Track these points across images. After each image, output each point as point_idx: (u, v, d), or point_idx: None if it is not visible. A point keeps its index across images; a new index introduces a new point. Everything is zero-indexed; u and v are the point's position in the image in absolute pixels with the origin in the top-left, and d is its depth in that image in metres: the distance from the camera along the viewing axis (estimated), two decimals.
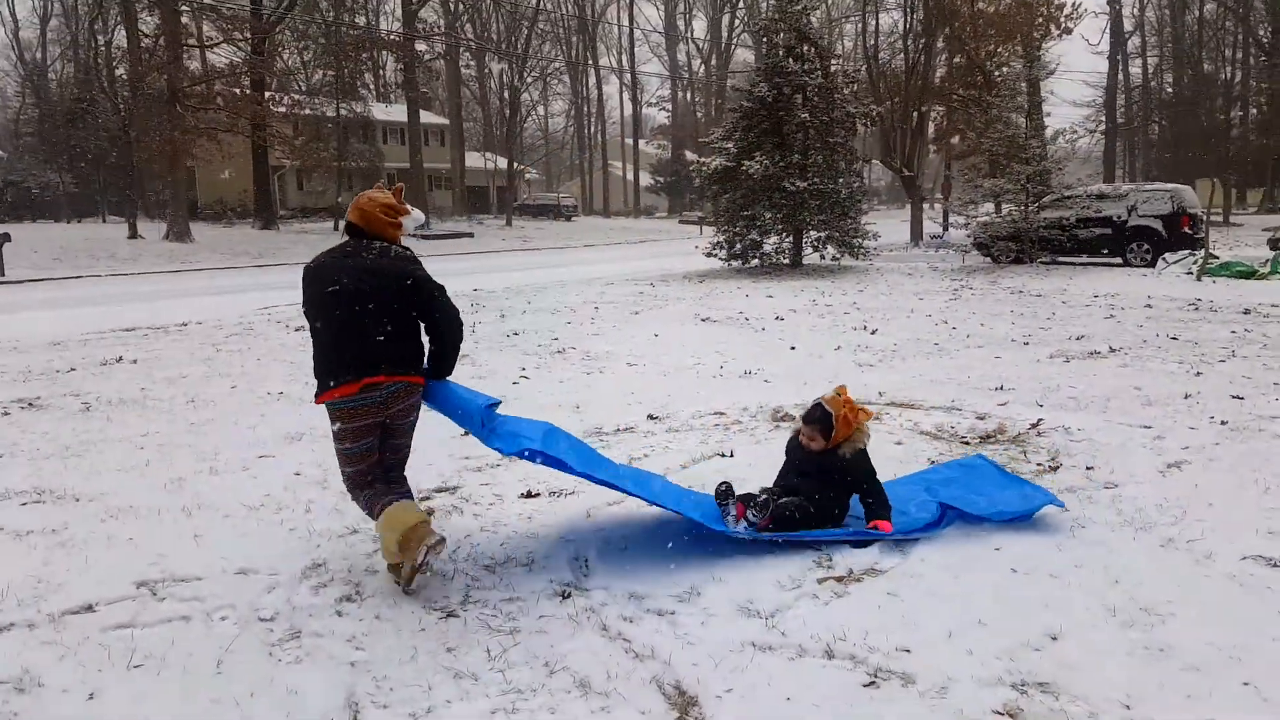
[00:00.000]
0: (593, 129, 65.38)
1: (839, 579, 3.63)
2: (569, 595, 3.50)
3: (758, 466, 5.09)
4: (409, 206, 4.03)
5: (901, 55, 30.63)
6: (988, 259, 20.84)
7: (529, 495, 4.74)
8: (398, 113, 45.92)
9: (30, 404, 7.31)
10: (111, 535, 4.13)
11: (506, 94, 51.30)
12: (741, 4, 57.34)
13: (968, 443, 5.82)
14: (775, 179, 19.29)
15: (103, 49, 37.50)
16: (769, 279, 18.66)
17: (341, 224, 37.38)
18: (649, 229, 49.40)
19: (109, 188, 42.17)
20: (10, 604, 3.41)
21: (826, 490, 4.15)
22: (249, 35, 29.86)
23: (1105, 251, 19.19)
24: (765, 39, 20.68)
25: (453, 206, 49.93)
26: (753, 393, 7.51)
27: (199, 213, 34.97)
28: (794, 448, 4.39)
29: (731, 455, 5.43)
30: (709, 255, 21.15)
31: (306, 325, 3.75)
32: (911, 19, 30.20)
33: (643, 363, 9.13)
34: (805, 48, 20.25)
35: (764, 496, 4.07)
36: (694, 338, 10.80)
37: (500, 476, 5.13)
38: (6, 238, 22.51)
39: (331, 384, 3.54)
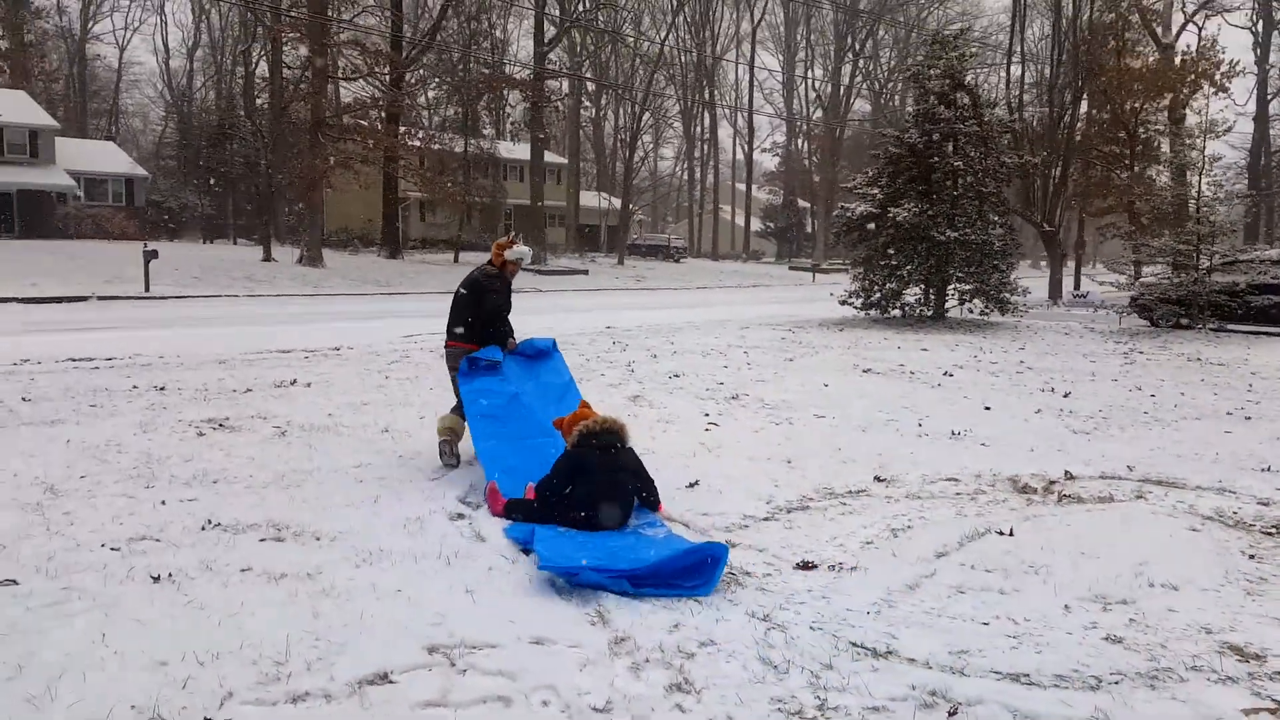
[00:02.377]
0: (704, 172, 65.44)
1: None
2: (934, 704, 2.93)
3: (1052, 549, 4.47)
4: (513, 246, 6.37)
5: (1045, 108, 29.54)
6: (1146, 322, 19.61)
7: (806, 566, 4.19)
8: (519, 150, 46.67)
9: (221, 424, 7.14)
10: (375, 584, 3.75)
11: (625, 135, 51.69)
12: (863, 56, 56.90)
13: (1271, 533, 5.07)
14: (923, 228, 18.56)
15: (244, 79, 39.17)
16: (912, 331, 17.88)
17: (460, 255, 38.32)
18: (759, 273, 48.85)
19: (240, 211, 43.82)
20: (298, 665, 3.03)
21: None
22: (388, 69, 30.72)
23: None
24: (917, 85, 20.06)
25: (566, 244, 50.33)
26: (974, 458, 6.86)
27: (326, 239, 35.86)
28: None
29: (1011, 534, 4.79)
30: (843, 303, 20.46)
31: None
32: (1057, 71, 29.15)
33: (830, 415, 8.56)
34: (959, 95, 19.57)
35: None
36: (870, 390, 10.19)
37: (751, 535, 4.61)
38: (154, 254, 23.30)
39: None
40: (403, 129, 31.66)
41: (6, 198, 35.23)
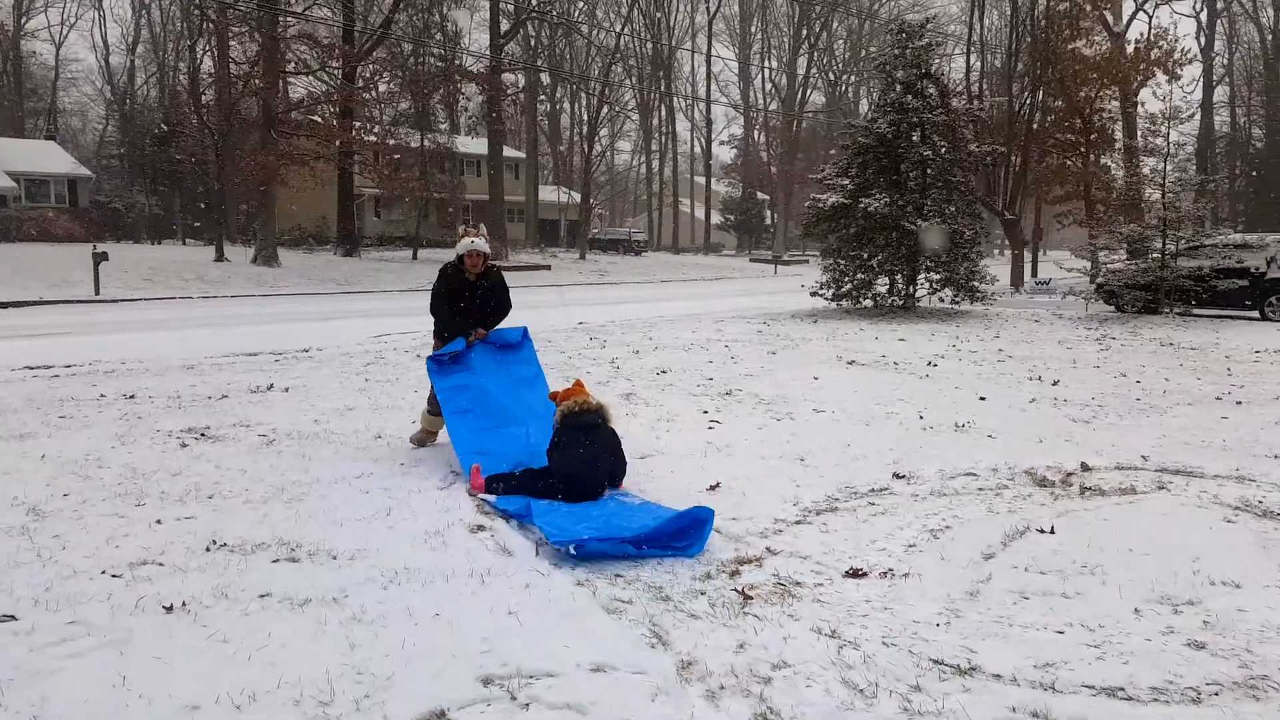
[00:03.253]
0: (662, 165, 65.26)
1: None
2: None
3: (1099, 547, 4.34)
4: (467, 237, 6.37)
5: (1002, 97, 29.80)
6: (1112, 308, 19.83)
7: (856, 574, 4.00)
8: (476, 145, 46.04)
9: (203, 434, 6.78)
10: (410, 608, 3.48)
11: (583, 129, 51.29)
12: (817, 48, 57.01)
13: None
14: (893, 217, 18.55)
15: (189, 74, 38.03)
16: (886, 321, 17.86)
17: (418, 252, 37.66)
18: (721, 266, 48.83)
19: (188, 210, 42.65)
20: (345, 705, 2.76)
21: None
22: (340, 63, 29.99)
23: (1248, 304, 18.09)
24: (884, 74, 20.02)
25: (525, 239, 49.84)
26: (984, 451, 6.75)
27: (280, 238, 34.97)
28: None
29: (1053, 531, 4.65)
30: (814, 294, 20.41)
31: None
32: (1014, 61, 29.42)
33: (829, 409, 8.41)
34: (925, 84, 19.59)
35: None
36: (861, 383, 10.08)
37: (789, 541, 4.42)
38: (104, 256, 22.49)
39: None
40: (357, 124, 30.94)
41: None
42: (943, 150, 19.05)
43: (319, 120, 29.29)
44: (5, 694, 2.80)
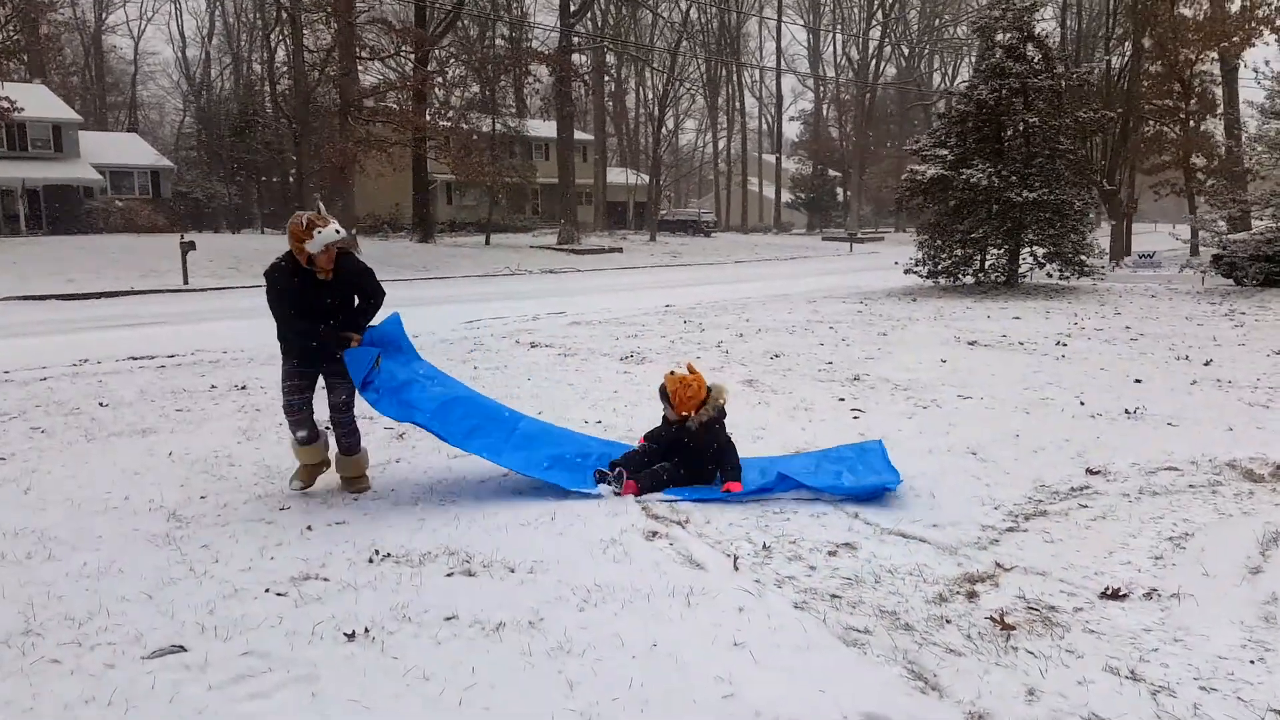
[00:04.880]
0: (730, 143, 64.21)
1: None
2: None
3: None
4: (322, 227, 4.56)
5: (1099, 62, 28.38)
6: (1230, 280, 18.65)
7: (1115, 595, 3.44)
8: (544, 129, 45.76)
9: (326, 428, 6.44)
10: (620, 636, 3.03)
11: (650, 109, 50.64)
12: (891, 18, 55.25)
13: None
14: (996, 189, 17.65)
15: (265, 64, 38.38)
16: (990, 298, 17.02)
17: (490, 238, 37.54)
18: (793, 245, 47.82)
19: (267, 199, 43.18)
20: None
21: (684, 456, 4.89)
22: (414, 47, 29.83)
23: None
24: (984, 38, 19.05)
25: (594, 222, 49.47)
26: (1170, 440, 6.09)
27: (357, 225, 35.18)
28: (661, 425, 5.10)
29: None
30: (908, 272, 19.62)
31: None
32: (1111, 23, 27.95)
33: (975, 395, 7.80)
34: (1027, 47, 18.58)
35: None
36: (995, 365, 9.41)
37: (1013, 552, 3.87)
38: (192, 246, 22.68)
39: None
40: (432, 108, 30.80)
41: (34, 194, 34.71)
42: (1048, 117, 18.06)
43: (394, 106, 29.18)
44: None
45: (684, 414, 4.92)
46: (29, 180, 34.52)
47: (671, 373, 5.14)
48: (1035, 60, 18.44)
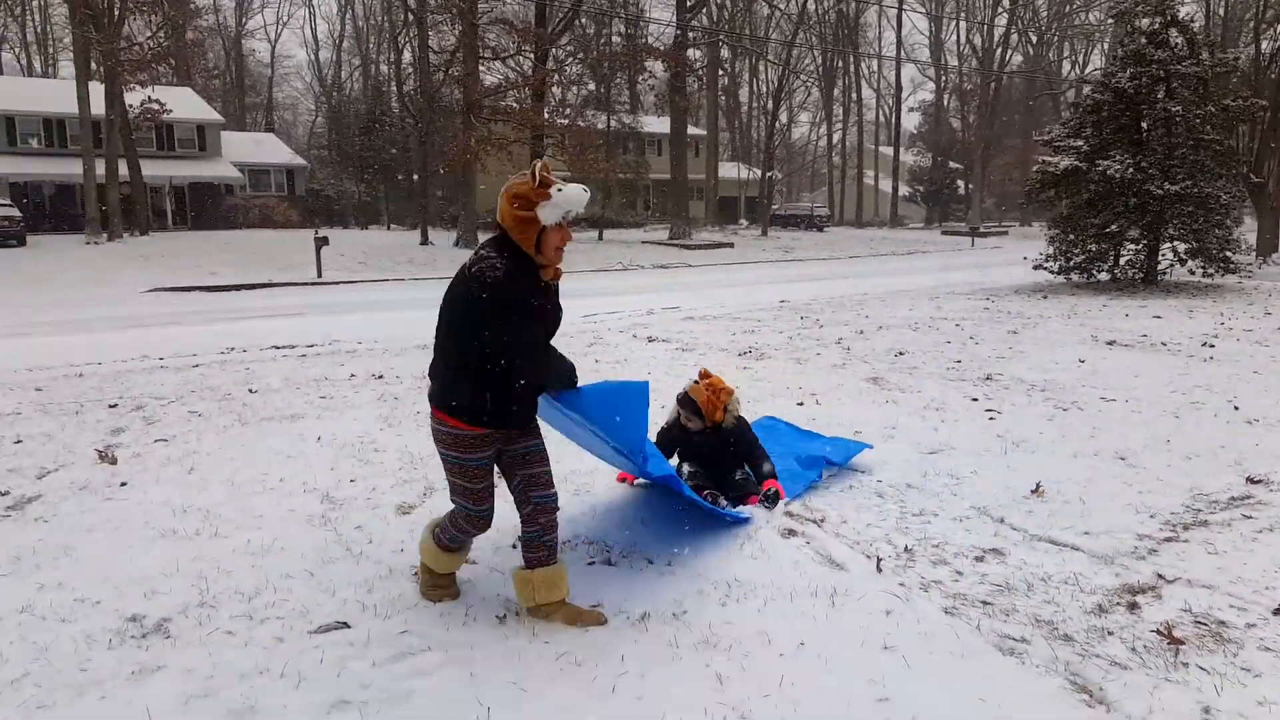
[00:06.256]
0: (845, 135, 63.06)
1: None
2: None
3: None
4: (558, 183, 3.01)
5: (1251, 44, 26.65)
6: None
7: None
8: (656, 124, 45.93)
9: None
10: (767, 634, 3.02)
11: (763, 101, 50.19)
12: (1020, 3, 53.14)
13: None
14: (1135, 181, 16.79)
15: (393, 65, 39.69)
16: (1127, 296, 16.21)
17: (603, 233, 37.94)
18: (910, 240, 46.63)
19: (393, 196, 44.75)
20: None
21: (707, 461, 4.73)
22: (533, 47, 30.35)
23: None
24: (1123, 23, 18.14)
25: (705, 217, 49.40)
26: None
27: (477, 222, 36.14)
28: (675, 436, 4.83)
29: None
30: (1037, 268, 18.89)
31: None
32: (1262, 5, 26.20)
33: (1119, 398, 7.44)
34: (1170, 32, 17.59)
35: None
36: (1138, 366, 8.96)
37: (1174, 563, 3.68)
38: (325, 241, 23.67)
39: None
40: (550, 106, 31.30)
41: (180, 191, 36.92)
42: (1192, 106, 17.07)
43: (514, 105, 29.78)
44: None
45: (717, 420, 4.63)
46: (175, 178, 36.74)
47: (695, 382, 4.75)
48: (1179, 46, 17.45)
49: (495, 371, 3.00)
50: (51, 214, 35.74)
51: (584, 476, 4.99)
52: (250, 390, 7.90)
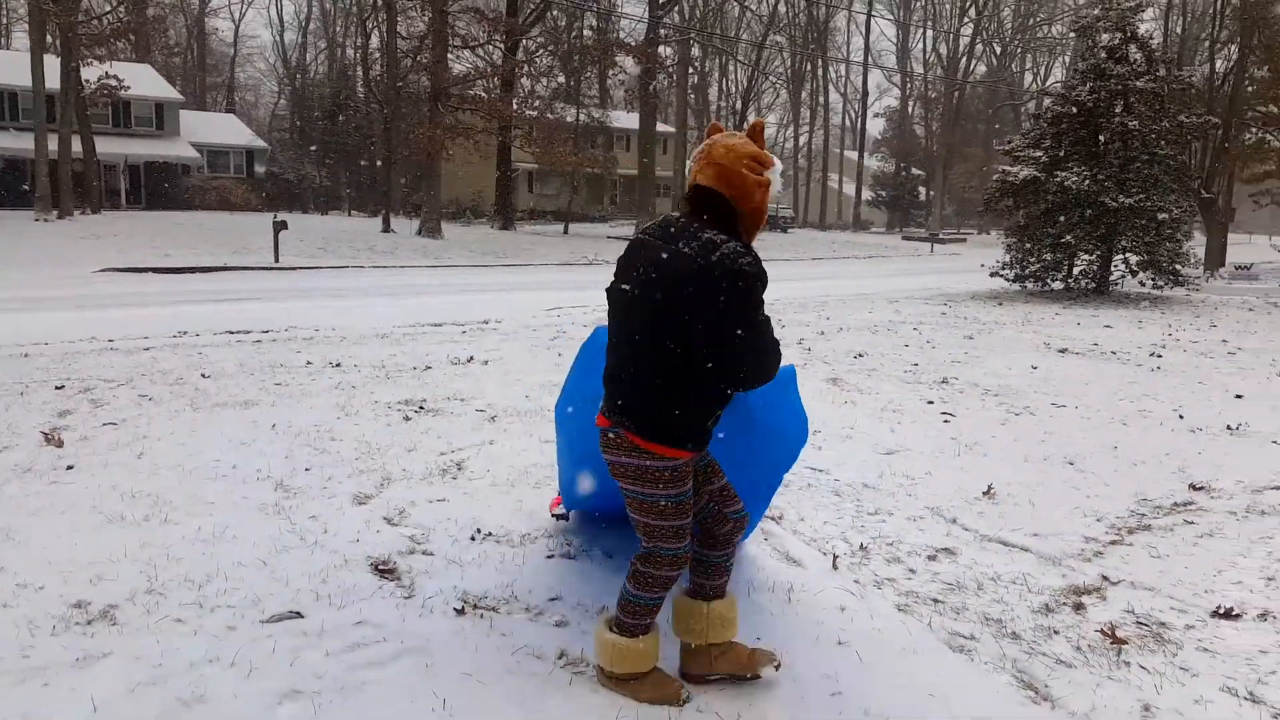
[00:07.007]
0: (810, 138, 63.50)
1: None
2: None
3: None
4: (772, 157, 2.52)
5: (1202, 65, 27.31)
6: None
7: (1227, 615, 3.34)
8: (626, 120, 45.88)
9: (420, 407, 6.62)
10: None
11: (738, 102, 50.39)
12: (984, 15, 53.92)
13: None
14: (1090, 193, 17.14)
15: (359, 50, 39.22)
16: (1079, 305, 16.55)
17: (569, 227, 37.85)
18: (872, 244, 47.12)
19: (355, 183, 44.25)
20: None
21: None
22: (504, 37, 30.20)
23: None
24: (1084, 38, 18.50)
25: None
26: (1276, 458, 5.87)
27: (441, 211, 35.91)
28: None
29: None
30: (993, 275, 19.22)
31: None
32: (1217, 25, 26.87)
33: (1070, 404, 7.59)
34: (1130, 48, 17.98)
35: None
36: (1090, 374, 9.16)
37: (1118, 566, 3.78)
38: (284, 225, 23.33)
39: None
40: (519, 97, 31.14)
41: (135, 169, 36.15)
42: (1148, 121, 17.46)
43: (482, 94, 29.58)
44: (322, 713, 2.53)
45: None
46: (131, 156, 35.97)
47: None
48: (1137, 62, 17.84)
49: (719, 382, 2.47)
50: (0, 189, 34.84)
51: (544, 470, 4.99)
52: (203, 375, 7.78)
